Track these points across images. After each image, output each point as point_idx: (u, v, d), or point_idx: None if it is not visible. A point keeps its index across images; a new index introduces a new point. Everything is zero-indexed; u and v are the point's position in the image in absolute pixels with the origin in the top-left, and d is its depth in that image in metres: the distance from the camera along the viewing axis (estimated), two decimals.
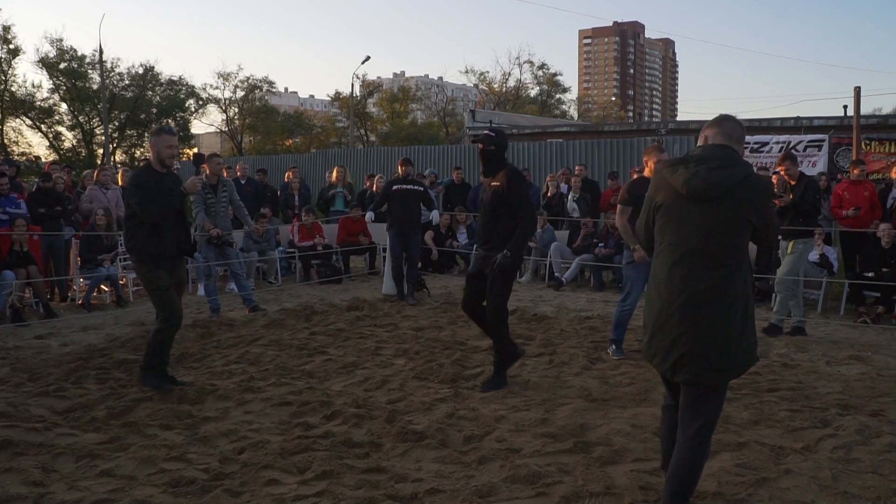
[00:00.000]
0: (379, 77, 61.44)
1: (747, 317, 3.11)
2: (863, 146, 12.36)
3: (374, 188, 11.98)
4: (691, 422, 3.18)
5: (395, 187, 9.32)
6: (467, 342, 7.01)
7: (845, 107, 15.44)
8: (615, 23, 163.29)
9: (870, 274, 8.31)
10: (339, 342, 7.05)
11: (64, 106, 32.37)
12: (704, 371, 3.08)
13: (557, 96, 56.84)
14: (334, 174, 13.17)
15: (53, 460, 4.18)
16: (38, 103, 31.61)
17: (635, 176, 10.09)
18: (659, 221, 3.24)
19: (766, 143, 13.61)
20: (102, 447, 4.37)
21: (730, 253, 3.08)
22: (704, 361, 3.07)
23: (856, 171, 9.42)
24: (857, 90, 11.47)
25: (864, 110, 12.03)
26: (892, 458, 4.13)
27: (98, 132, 32.29)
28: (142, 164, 5.58)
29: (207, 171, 7.78)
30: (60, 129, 32.77)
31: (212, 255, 8.32)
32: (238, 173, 12.48)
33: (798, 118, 16.66)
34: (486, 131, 5.67)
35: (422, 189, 9.61)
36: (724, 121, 3.25)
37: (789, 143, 13.44)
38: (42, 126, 31.98)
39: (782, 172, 7.44)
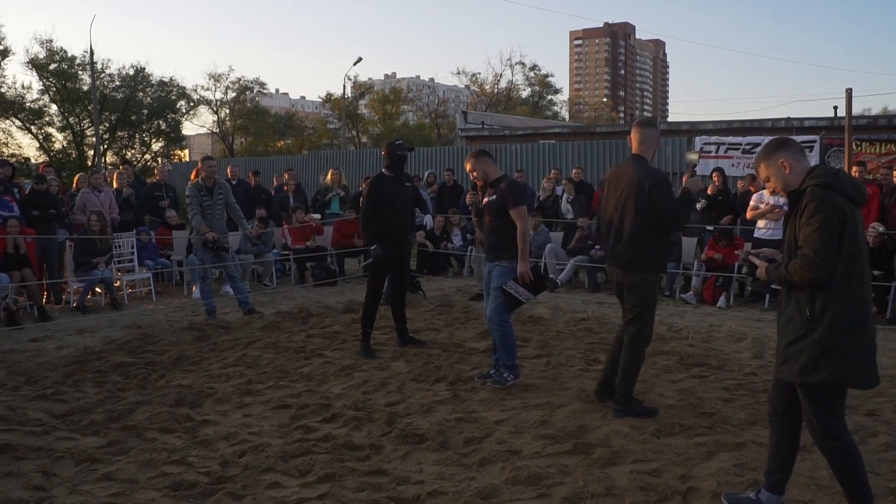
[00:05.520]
0: (370, 78, 61.27)
1: None
2: (854, 147, 12.44)
3: None
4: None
5: None
6: (464, 344, 7.03)
7: (836, 107, 15.53)
8: (606, 24, 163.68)
9: None
10: (336, 344, 7.05)
11: (54, 107, 32.21)
12: None
13: (549, 97, 57.07)
14: (329, 176, 13.17)
15: (53, 464, 4.17)
16: (28, 104, 31.43)
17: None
18: (852, 242, 3.12)
19: (759, 144, 13.68)
20: (102, 451, 4.37)
21: None
22: None
23: (854, 171, 9.51)
24: (849, 92, 11.55)
25: (854, 111, 12.06)
26: (888, 457, 4.18)
27: (89, 134, 32.13)
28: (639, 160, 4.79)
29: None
30: (51, 130, 32.61)
31: (207, 257, 8.31)
32: (228, 175, 12.47)
33: (789, 119, 16.76)
34: (402, 142, 6.93)
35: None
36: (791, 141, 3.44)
37: None
38: (32, 127, 31.81)
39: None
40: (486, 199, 5.66)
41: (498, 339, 5.63)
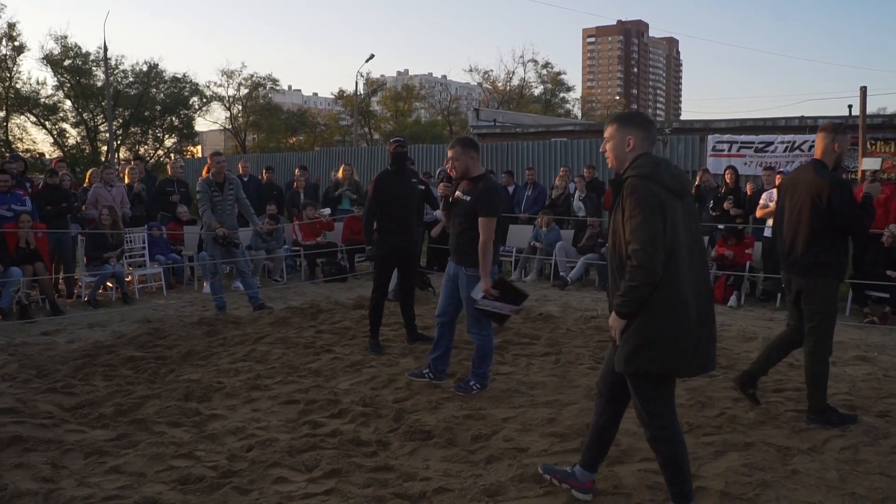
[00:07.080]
0: (383, 75, 61.21)
1: None
2: (868, 146, 12.34)
3: None
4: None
5: None
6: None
7: (850, 106, 15.37)
8: (619, 21, 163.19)
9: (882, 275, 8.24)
10: (345, 340, 7.06)
11: (68, 103, 32.53)
12: None
13: (561, 95, 56.74)
14: (340, 172, 13.16)
15: (62, 456, 4.20)
16: (43, 100, 31.77)
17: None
18: (671, 235, 3.12)
19: (772, 143, 13.59)
20: (111, 444, 4.39)
21: None
22: None
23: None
24: (864, 90, 11.45)
25: (868, 109, 11.92)
26: None
27: (102, 129, 32.40)
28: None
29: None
30: (65, 125, 32.97)
31: (218, 253, 8.34)
32: (240, 171, 12.49)
33: (803, 118, 16.59)
34: (399, 138, 7.08)
35: (423, 188, 9.62)
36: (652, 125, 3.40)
37: (794, 142, 13.44)
38: (46, 123, 32.11)
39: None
40: (458, 194, 5.32)
41: (476, 347, 5.42)
